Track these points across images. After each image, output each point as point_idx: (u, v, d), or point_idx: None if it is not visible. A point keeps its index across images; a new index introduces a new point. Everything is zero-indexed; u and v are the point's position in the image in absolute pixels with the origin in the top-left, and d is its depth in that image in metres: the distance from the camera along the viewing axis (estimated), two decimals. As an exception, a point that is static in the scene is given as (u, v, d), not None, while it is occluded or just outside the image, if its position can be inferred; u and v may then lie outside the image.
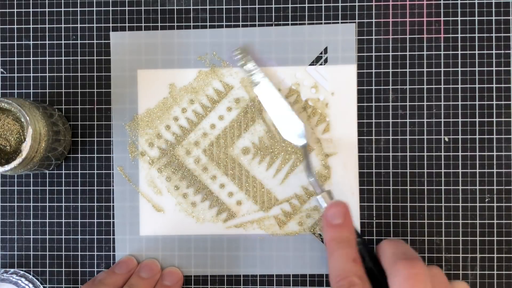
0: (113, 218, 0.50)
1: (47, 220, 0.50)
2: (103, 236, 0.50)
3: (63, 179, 0.50)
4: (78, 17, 0.50)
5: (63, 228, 0.50)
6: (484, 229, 0.49)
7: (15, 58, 0.50)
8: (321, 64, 0.49)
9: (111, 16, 0.50)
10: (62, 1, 0.50)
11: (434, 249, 0.49)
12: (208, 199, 0.50)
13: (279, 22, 0.50)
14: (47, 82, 0.50)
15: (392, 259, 0.40)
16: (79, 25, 0.50)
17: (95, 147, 0.50)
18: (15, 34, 0.50)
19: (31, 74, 0.50)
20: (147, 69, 0.50)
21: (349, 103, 0.49)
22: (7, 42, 0.50)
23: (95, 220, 0.50)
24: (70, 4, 0.50)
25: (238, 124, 0.50)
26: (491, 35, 0.49)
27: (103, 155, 0.50)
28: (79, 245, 0.50)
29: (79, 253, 0.50)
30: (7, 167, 0.42)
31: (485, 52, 0.49)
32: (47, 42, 0.50)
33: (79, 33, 0.50)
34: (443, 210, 0.49)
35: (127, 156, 0.50)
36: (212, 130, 0.50)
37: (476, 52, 0.49)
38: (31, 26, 0.50)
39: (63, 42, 0.50)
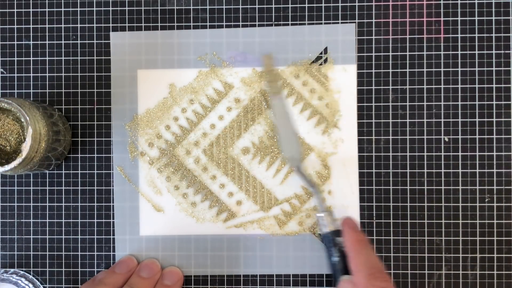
0: (113, 218, 0.50)
1: (47, 220, 0.50)
2: (103, 236, 0.50)
3: (63, 179, 0.50)
4: (78, 17, 0.50)
5: (63, 228, 0.50)
6: (484, 229, 0.49)
7: (15, 58, 0.50)
8: (321, 64, 0.49)
9: (111, 16, 0.50)
10: (62, 1, 0.50)
11: (434, 249, 0.49)
12: (208, 199, 0.50)
13: (279, 22, 0.50)
14: (47, 82, 0.50)
15: (366, 274, 0.42)
16: (79, 25, 0.50)
17: (95, 147, 0.50)
18: (15, 34, 0.50)
19: (31, 74, 0.50)
20: (147, 69, 0.50)
21: (349, 103, 0.49)
22: (7, 42, 0.50)
23: (95, 220, 0.50)
24: (70, 4, 0.50)
25: (238, 124, 0.50)
26: (491, 35, 0.49)
27: (103, 155, 0.50)
28: (79, 245, 0.50)
29: (79, 253, 0.50)
30: (7, 167, 0.42)
31: (485, 52, 0.49)
32: (47, 42, 0.50)
33: (79, 33, 0.50)
34: (443, 210, 0.49)
35: (127, 156, 0.50)
36: (212, 130, 0.50)
37: (476, 52, 0.49)
38: (31, 26, 0.50)
39: (63, 42, 0.50)
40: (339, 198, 0.49)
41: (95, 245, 0.50)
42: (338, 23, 0.50)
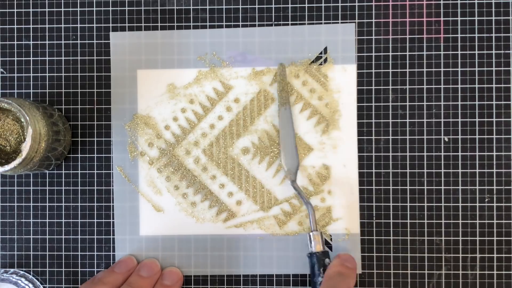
0: (113, 218, 0.50)
1: (47, 220, 0.50)
2: (103, 236, 0.50)
3: (63, 179, 0.50)
4: (78, 17, 0.50)
5: (63, 228, 0.50)
6: (484, 229, 0.49)
7: (15, 58, 0.50)
8: (321, 64, 0.49)
9: (111, 16, 0.50)
10: (62, 1, 0.50)
11: (434, 249, 0.49)
12: (208, 199, 0.50)
13: (279, 22, 0.50)
14: (47, 82, 0.50)
15: None
16: (79, 25, 0.50)
17: (95, 147, 0.50)
18: (15, 34, 0.50)
19: (31, 74, 0.50)
20: (147, 69, 0.50)
21: (349, 103, 0.49)
22: (7, 42, 0.50)
23: (95, 220, 0.50)
24: (70, 4, 0.50)
25: (238, 124, 0.50)
26: (491, 35, 0.49)
27: (103, 155, 0.50)
28: (79, 245, 0.50)
29: (79, 253, 0.50)
30: (7, 167, 0.42)
31: (485, 52, 0.49)
32: (47, 42, 0.50)
33: (79, 33, 0.50)
34: (443, 210, 0.49)
35: (126, 156, 0.50)
36: (211, 130, 0.50)
37: (476, 52, 0.49)
38: (31, 26, 0.50)
39: (63, 42, 0.50)
40: (339, 198, 0.49)
41: (95, 245, 0.50)
42: (338, 23, 0.50)
